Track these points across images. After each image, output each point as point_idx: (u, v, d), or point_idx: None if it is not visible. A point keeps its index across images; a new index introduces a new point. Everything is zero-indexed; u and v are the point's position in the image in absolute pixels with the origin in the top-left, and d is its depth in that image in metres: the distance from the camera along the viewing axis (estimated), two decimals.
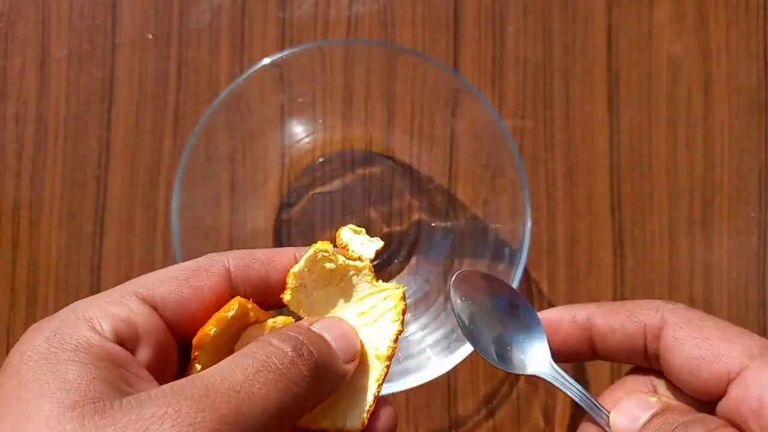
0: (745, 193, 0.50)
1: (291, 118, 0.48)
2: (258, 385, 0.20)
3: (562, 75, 0.50)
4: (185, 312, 0.23)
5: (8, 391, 0.19)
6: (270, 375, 0.20)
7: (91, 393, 0.19)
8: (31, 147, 0.50)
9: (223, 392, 0.19)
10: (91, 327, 0.21)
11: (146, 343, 0.22)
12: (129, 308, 0.22)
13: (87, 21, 0.51)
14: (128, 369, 0.21)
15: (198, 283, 0.23)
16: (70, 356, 0.20)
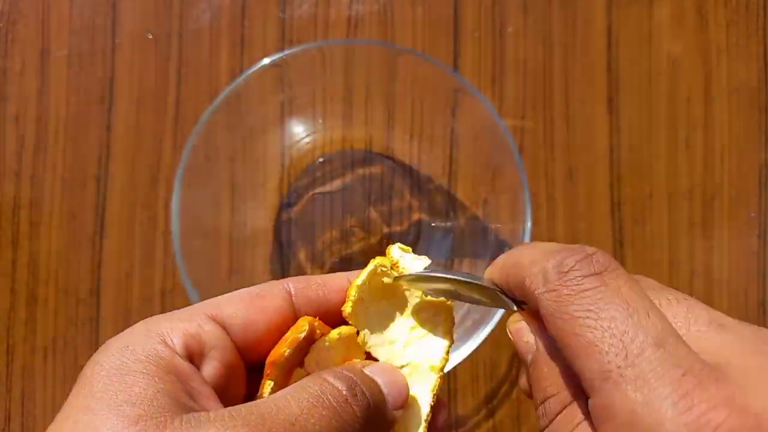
0: (745, 193, 0.50)
1: (291, 118, 0.48)
2: (312, 420, 0.20)
3: (562, 75, 0.50)
4: (251, 331, 0.24)
5: (80, 401, 0.20)
6: (324, 412, 0.21)
7: (154, 407, 0.20)
8: (31, 147, 0.50)
9: (279, 423, 0.20)
10: (162, 341, 0.22)
11: (214, 358, 0.23)
12: (198, 325, 0.23)
13: (87, 21, 0.51)
14: (193, 384, 0.22)
15: (263, 304, 0.24)
16: (139, 368, 0.21)
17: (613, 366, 0.18)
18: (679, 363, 0.17)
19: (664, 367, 0.17)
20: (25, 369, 0.48)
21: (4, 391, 0.48)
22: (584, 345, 0.19)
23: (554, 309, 0.20)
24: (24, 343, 0.48)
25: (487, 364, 0.48)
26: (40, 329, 0.49)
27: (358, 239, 0.49)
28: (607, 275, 0.20)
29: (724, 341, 0.19)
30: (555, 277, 0.20)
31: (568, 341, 0.19)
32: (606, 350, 0.18)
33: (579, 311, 0.19)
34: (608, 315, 0.19)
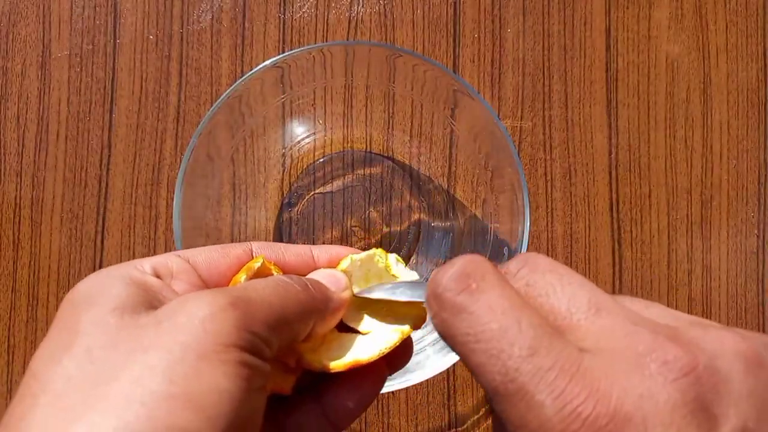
0: (744, 193, 0.50)
1: (292, 118, 0.48)
2: (260, 285, 0.24)
3: (561, 76, 0.50)
4: (213, 269, 0.27)
5: (61, 313, 0.23)
6: (267, 282, 0.24)
7: (129, 303, 0.22)
8: (33, 147, 0.50)
9: (234, 288, 0.23)
10: (133, 266, 0.25)
11: (181, 280, 0.25)
12: (166, 257, 0.26)
13: (88, 21, 0.51)
14: (165, 293, 0.24)
15: (224, 251, 0.27)
16: (112, 281, 0.23)
17: (498, 383, 0.19)
18: (552, 366, 0.19)
19: (539, 374, 0.18)
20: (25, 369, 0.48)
21: (4, 391, 0.48)
22: (474, 366, 0.20)
23: (443, 334, 0.21)
24: (25, 343, 0.49)
25: None
26: (41, 329, 0.49)
27: (358, 239, 0.50)
28: (476, 289, 0.20)
29: (600, 327, 0.20)
30: (433, 303, 0.21)
31: (464, 361, 0.21)
32: (489, 370, 0.19)
33: (461, 336, 0.20)
34: (484, 337, 0.20)
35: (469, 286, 0.20)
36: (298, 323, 0.25)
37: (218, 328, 0.21)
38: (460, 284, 0.21)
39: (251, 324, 0.22)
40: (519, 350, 0.19)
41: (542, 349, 0.19)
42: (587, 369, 0.19)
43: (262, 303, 0.23)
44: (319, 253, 0.30)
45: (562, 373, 0.18)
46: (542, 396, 0.18)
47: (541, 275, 0.21)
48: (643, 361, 0.18)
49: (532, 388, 0.18)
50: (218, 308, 0.21)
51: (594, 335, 0.20)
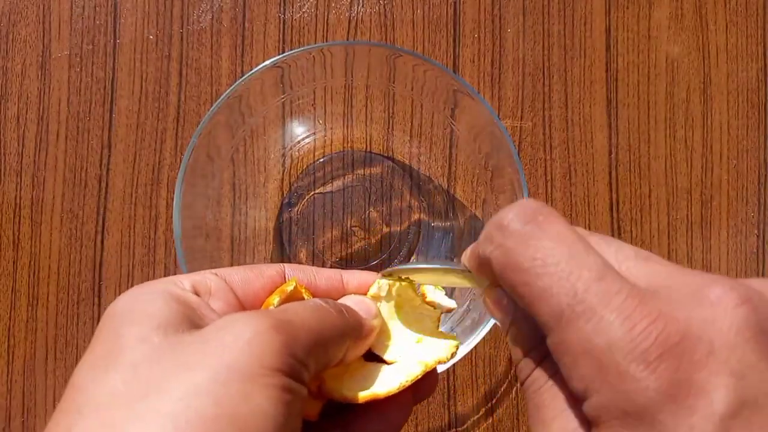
0: (744, 193, 0.50)
1: (292, 118, 0.48)
2: (300, 309, 0.24)
3: (561, 76, 0.50)
4: (248, 289, 0.27)
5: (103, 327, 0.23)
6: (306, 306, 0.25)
7: (172, 321, 0.23)
8: (33, 147, 0.50)
9: (276, 311, 0.24)
10: (173, 282, 0.25)
11: (218, 298, 0.26)
12: (204, 275, 0.26)
13: (88, 21, 0.51)
14: (204, 312, 0.24)
15: (259, 271, 0.28)
16: (153, 297, 0.23)
17: (564, 306, 0.19)
18: (620, 290, 0.19)
19: (607, 296, 0.19)
20: (26, 369, 0.48)
21: (5, 390, 0.48)
22: (537, 292, 0.20)
23: (504, 264, 0.21)
24: (25, 343, 0.49)
25: (487, 363, 0.48)
26: (41, 329, 0.49)
27: (358, 239, 0.50)
28: (543, 221, 0.21)
29: (651, 271, 0.21)
30: (497, 233, 0.21)
31: (522, 291, 0.21)
32: (556, 292, 0.20)
33: (526, 261, 0.20)
34: (553, 260, 0.20)
35: (536, 219, 0.21)
36: (333, 348, 0.25)
37: (263, 350, 0.21)
38: (527, 216, 0.21)
39: (293, 347, 0.22)
40: (588, 273, 0.19)
41: (609, 276, 0.19)
42: (651, 298, 0.19)
43: (302, 326, 0.23)
44: (349, 278, 0.30)
45: (631, 296, 0.19)
46: (612, 316, 0.19)
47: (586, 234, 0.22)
48: (701, 294, 0.19)
49: (602, 309, 0.19)
50: (263, 330, 0.22)
51: (646, 278, 0.21)
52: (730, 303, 0.19)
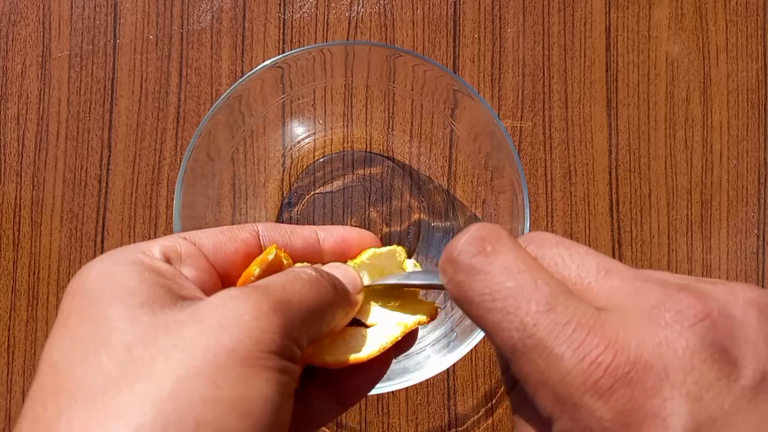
0: (744, 193, 0.50)
1: (292, 118, 0.48)
2: (297, 286, 0.23)
3: (561, 76, 0.51)
4: (220, 253, 0.26)
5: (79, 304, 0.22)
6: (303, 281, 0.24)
7: (154, 296, 0.22)
8: (33, 147, 0.50)
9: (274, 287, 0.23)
10: (140, 250, 0.24)
11: (190, 264, 0.25)
12: (173, 240, 0.25)
13: (88, 21, 0.51)
14: (178, 281, 0.23)
15: (231, 234, 0.27)
16: (127, 269, 0.22)
17: (516, 340, 0.19)
18: (569, 320, 0.19)
19: (556, 329, 0.19)
20: (26, 369, 0.48)
21: (4, 390, 0.48)
22: (490, 326, 0.20)
23: (458, 297, 0.21)
24: (25, 343, 0.49)
25: (486, 363, 0.48)
26: (41, 329, 0.49)
27: None
28: (492, 251, 0.21)
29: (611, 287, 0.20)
30: (449, 267, 0.21)
31: (479, 323, 0.21)
32: (506, 327, 0.20)
33: (476, 296, 0.21)
34: (500, 295, 0.20)
35: (484, 249, 0.21)
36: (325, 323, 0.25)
37: (262, 334, 0.21)
38: (475, 247, 0.21)
39: (291, 327, 0.22)
40: (536, 306, 0.19)
41: (559, 305, 0.19)
42: (604, 323, 0.19)
43: (299, 305, 0.23)
44: (325, 236, 0.29)
45: (580, 326, 0.19)
46: (561, 349, 0.19)
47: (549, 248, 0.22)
48: (657, 312, 0.19)
49: (551, 342, 0.19)
50: (263, 314, 0.21)
51: (606, 295, 0.20)
52: (686, 323, 0.18)
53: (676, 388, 0.18)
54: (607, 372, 0.18)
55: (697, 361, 0.18)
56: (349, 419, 0.48)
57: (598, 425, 0.18)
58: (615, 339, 0.18)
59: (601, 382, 0.18)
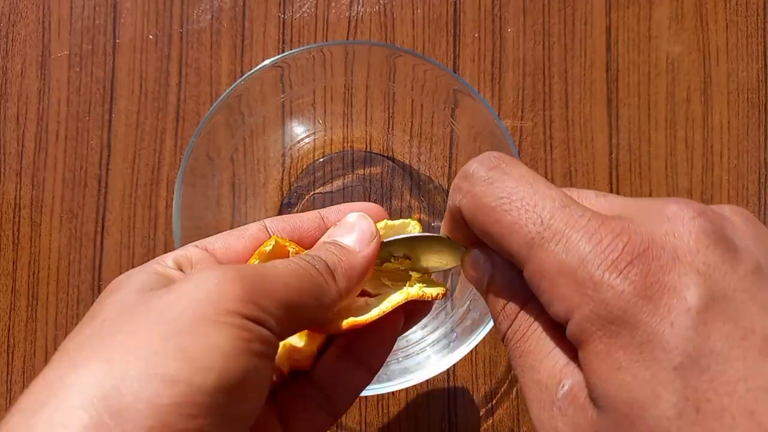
0: (745, 193, 0.50)
1: (291, 118, 0.48)
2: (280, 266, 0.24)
3: (562, 75, 0.50)
4: (231, 252, 0.28)
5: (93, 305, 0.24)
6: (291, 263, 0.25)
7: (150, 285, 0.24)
8: (32, 147, 0.50)
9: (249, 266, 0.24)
10: (155, 262, 0.26)
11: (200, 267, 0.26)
12: (185, 249, 0.27)
13: (88, 21, 0.51)
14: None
15: (240, 232, 0.28)
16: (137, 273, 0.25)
17: (534, 233, 0.21)
18: (583, 214, 0.20)
19: (572, 219, 0.20)
20: (26, 369, 0.48)
21: (4, 390, 0.48)
22: (507, 226, 0.21)
23: (473, 207, 0.22)
24: (24, 343, 0.49)
25: (487, 363, 0.48)
26: (41, 329, 0.49)
27: None
28: (505, 166, 0.22)
29: (611, 202, 0.23)
30: (464, 183, 0.23)
31: (492, 229, 0.22)
32: (524, 223, 0.21)
33: (494, 200, 0.22)
34: (518, 196, 0.21)
35: (498, 165, 0.23)
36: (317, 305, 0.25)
37: (222, 295, 0.22)
38: (491, 164, 0.23)
39: (260, 298, 0.22)
40: (551, 203, 0.21)
41: (571, 204, 0.21)
42: (613, 218, 0.20)
43: (276, 281, 0.23)
44: (328, 215, 0.30)
45: (594, 218, 0.20)
46: (578, 235, 0.20)
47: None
48: (659, 213, 0.20)
49: (568, 231, 0.20)
50: (226, 280, 0.22)
51: (609, 208, 0.22)
52: (686, 216, 0.20)
53: (688, 265, 0.19)
54: (624, 251, 0.19)
55: (702, 246, 0.19)
56: (349, 420, 0.48)
57: (620, 300, 0.19)
58: (626, 227, 0.20)
59: (619, 259, 0.19)
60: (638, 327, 0.18)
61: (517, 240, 0.21)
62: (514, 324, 0.23)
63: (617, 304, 0.19)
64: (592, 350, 0.19)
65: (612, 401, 0.19)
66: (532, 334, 0.22)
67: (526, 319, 0.23)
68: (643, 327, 0.18)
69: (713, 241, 0.19)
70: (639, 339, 0.18)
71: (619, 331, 0.19)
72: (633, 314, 0.19)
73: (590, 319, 0.19)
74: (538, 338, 0.22)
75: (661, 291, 0.19)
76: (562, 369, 0.21)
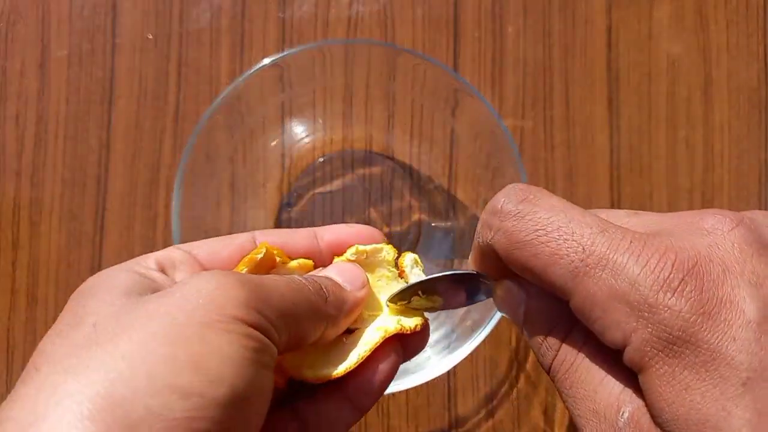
0: (745, 193, 0.50)
1: (291, 118, 0.48)
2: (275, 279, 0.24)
3: (562, 75, 0.50)
4: (215, 259, 0.27)
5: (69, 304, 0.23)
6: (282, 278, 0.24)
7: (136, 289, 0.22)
8: (32, 147, 0.50)
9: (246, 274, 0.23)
10: (136, 262, 0.25)
11: (182, 270, 0.25)
12: (168, 251, 0.26)
13: (87, 21, 0.51)
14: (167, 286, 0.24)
15: (227, 240, 0.27)
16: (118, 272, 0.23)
17: (577, 262, 0.20)
18: (624, 237, 0.20)
19: (614, 243, 0.20)
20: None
21: (4, 391, 0.48)
22: (547, 259, 0.21)
23: (507, 244, 0.22)
24: (24, 343, 0.48)
25: (487, 364, 0.48)
26: (40, 329, 0.49)
27: None
28: (534, 198, 0.22)
29: (645, 221, 0.22)
30: (494, 219, 0.22)
31: (532, 264, 0.21)
32: (565, 253, 0.20)
33: (529, 235, 0.21)
34: (553, 227, 0.21)
35: (526, 197, 0.22)
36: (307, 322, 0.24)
37: (225, 301, 0.21)
38: (519, 197, 0.22)
39: (261, 305, 0.22)
40: (590, 229, 0.20)
41: (610, 227, 0.20)
42: (654, 237, 0.20)
43: (275, 290, 0.23)
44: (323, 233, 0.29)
45: (636, 239, 0.20)
46: (624, 258, 0.19)
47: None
48: (696, 227, 0.20)
49: (613, 254, 0.20)
50: (227, 284, 0.21)
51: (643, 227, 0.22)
52: (725, 228, 0.20)
53: (738, 276, 0.19)
54: (674, 268, 0.19)
55: (747, 256, 0.19)
56: None
57: (677, 320, 0.18)
58: (670, 244, 0.19)
59: (671, 278, 0.19)
60: (701, 345, 0.18)
61: (559, 271, 0.20)
62: (559, 355, 0.22)
63: (676, 323, 0.18)
64: (654, 373, 0.19)
65: (682, 423, 0.18)
66: (581, 363, 0.22)
67: (572, 349, 0.22)
68: (705, 345, 0.18)
69: (756, 249, 0.19)
70: (703, 357, 0.18)
71: (682, 351, 0.18)
72: (694, 333, 0.18)
73: (650, 342, 0.19)
74: (588, 367, 0.21)
75: (719, 306, 0.18)
76: (619, 396, 0.21)
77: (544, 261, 0.21)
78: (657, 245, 0.19)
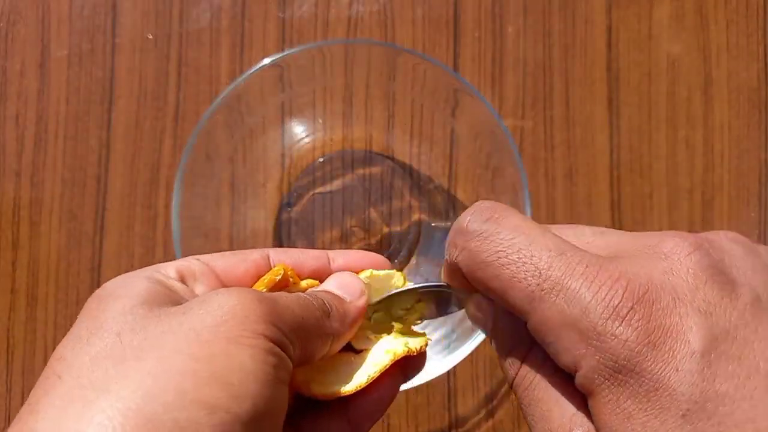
0: (745, 193, 0.50)
1: (291, 118, 0.48)
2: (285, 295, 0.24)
3: (562, 75, 0.50)
4: (231, 274, 0.27)
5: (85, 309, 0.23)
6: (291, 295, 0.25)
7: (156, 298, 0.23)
8: (31, 147, 0.50)
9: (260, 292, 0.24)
10: (156, 269, 0.25)
11: (202, 283, 0.26)
12: (188, 260, 0.26)
13: (87, 21, 0.51)
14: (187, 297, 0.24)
15: (242, 256, 0.28)
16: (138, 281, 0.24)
17: (534, 286, 0.20)
18: (580, 261, 0.20)
19: (570, 267, 0.20)
20: (25, 369, 0.48)
21: (4, 391, 0.48)
22: (506, 281, 0.21)
23: (470, 264, 0.22)
24: (24, 344, 0.48)
25: (487, 364, 0.48)
26: (40, 329, 0.49)
27: (358, 239, 0.49)
28: (499, 217, 0.22)
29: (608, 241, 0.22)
30: (459, 238, 0.23)
31: (492, 285, 0.22)
32: (523, 277, 0.21)
33: (490, 256, 0.22)
34: (514, 249, 0.21)
35: (492, 216, 0.22)
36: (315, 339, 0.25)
37: (246, 316, 0.21)
38: (483, 216, 0.22)
39: (278, 321, 0.22)
40: (548, 252, 0.21)
41: (568, 251, 0.21)
42: (611, 261, 0.20)
43: (287, 307, 0.23)
44: (335, 257, 0.30)
45: (591, 264, 0.20)
46: (578, 284, 0.20)
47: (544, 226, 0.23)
48: (654, 251, 0.20)
49: (567, 280, 0.20)
50: (247, 300, 0.22)
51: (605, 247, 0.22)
52: (683, 252, 0.20)
53: (688, 305, 0.19)
54: (624, 296, 0.19)
55: (700, 283, 0.19)
56: None
57: (623, 349, 0.19)
58: (625, 270, 0.20)
59: (620, 306, 0.19)
60: (644, 375, 0.18)
61: (518, 294, 0.21)
62: (520, 372, 0.23)
63: (622, 353, 0.19)
64: (600, 400, 0.19)
65: None
66: (539, 383, 0.22)
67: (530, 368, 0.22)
68: (648, 375, 0.18)
69: (710, 275, 0.19)
70: (646, 387, 0.18)
71: (626, 380, 0.19)
72: (638, 362, 0.18)
73: (597, 370, 0.19)
74: (545, 387, 0.22)
75: (664, 335, 0.19)
76: (572, 418, 0.21)
77: (503, 284, 0.21)
78: (611, 271, 0.20)
